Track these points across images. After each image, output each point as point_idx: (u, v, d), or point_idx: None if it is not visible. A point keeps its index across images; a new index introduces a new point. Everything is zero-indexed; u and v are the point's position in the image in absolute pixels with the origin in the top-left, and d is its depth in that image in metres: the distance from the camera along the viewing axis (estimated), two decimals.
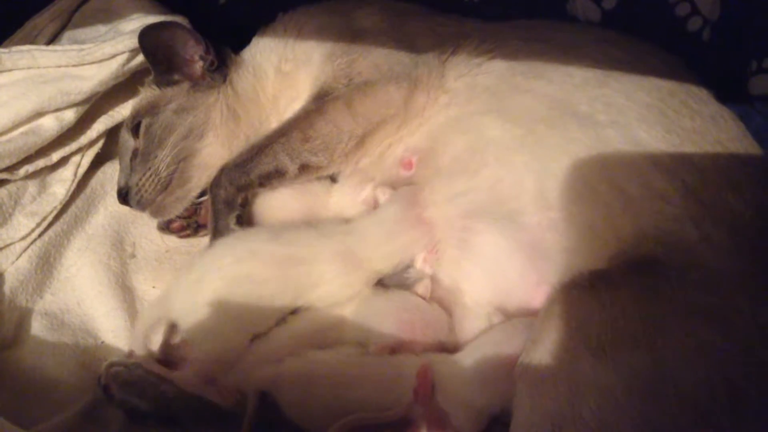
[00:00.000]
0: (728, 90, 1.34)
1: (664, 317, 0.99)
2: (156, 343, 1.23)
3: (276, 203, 1.50)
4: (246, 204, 1.46)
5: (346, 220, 1.42)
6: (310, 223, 1.39)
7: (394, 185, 1.44)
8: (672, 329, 0.98)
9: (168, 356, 1.26)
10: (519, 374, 1.03)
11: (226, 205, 1.41)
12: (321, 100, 1.41)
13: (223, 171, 1.43)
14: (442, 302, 1.32)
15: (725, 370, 0.94)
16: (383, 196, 1.42)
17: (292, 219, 1.46)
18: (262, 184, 1.43)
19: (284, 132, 1.42)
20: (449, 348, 1.25)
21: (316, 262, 1.30)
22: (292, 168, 1.41)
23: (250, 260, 1.29)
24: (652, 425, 0.92)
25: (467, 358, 1.19)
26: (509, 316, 1.24)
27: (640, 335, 0.98)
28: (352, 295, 1.31)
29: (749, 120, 1.31)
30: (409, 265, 1.37)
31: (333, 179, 1.56)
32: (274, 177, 1.42)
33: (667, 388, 0.93)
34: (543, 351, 1.02)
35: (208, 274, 1.27)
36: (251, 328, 1.27)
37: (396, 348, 1.22)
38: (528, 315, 1.21)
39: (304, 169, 1.42)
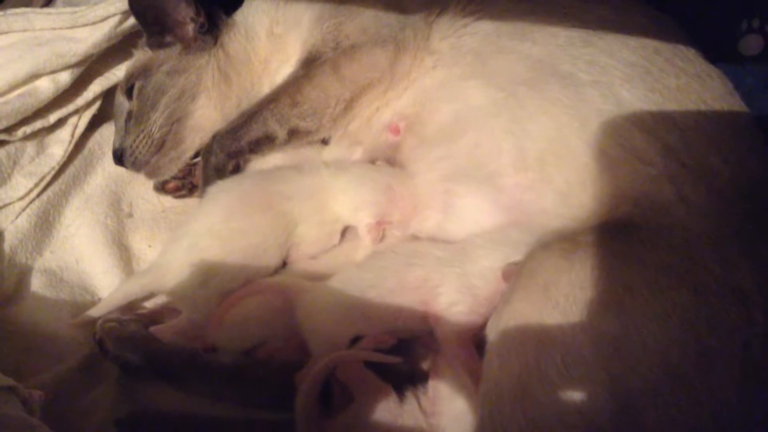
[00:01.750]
0: (720, 50, 1.32)
1: (635, 278, 0.99)
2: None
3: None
4: (238, 172, 1.48)
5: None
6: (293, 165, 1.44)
7: (381, 150, 1.47)
8: (642, 290, 0.97)
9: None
10: (489, 332, 1.05)
11: (216, 172, 1.44)
12: (309, 66, 1.42)
13: (215, 138, 1.45)
14: None
15: (695, 331, 0.94)
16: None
17: None
18: (252, 150, 1.45)
19: (273, 98, 1.43)
20: None
21: (296, 198, 1.35)
22: (281, 133, 1.42)
23: (239, 211, 1.32)
24: (620, 384, 0.92)
25: (333, 288, 1.24)
26: None
27: (610, 296, 0.98)
28: (324, 240, 1.37)
29: (741, 80, 1.29)
30: None
31: (325, 142, 1.57)
32: (264, 143, 1.44)
33: (636, 348, 0.94)
34: (513, 310, 1.03)
35: (202, 239, 1.30)
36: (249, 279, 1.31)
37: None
38: None
39: (294, 134, 1.44)
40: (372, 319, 1.20)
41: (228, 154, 1.44)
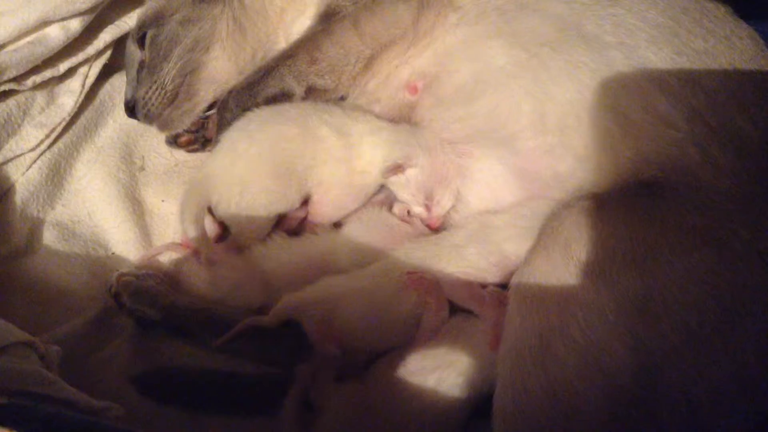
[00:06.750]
0: (754, 6, 1.28)
1: (658, 238, 0.99)
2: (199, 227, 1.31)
3: None
4: None
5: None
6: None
7: (397, 109, 1.44)
8: (664, 251, 0.98)
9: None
10: (512, 291, 1.06)
11: None
12: (328, 21, 1.38)
13: (231, 94, 1.42)
14: None
15: (717, 293, 0.95)
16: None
17: None
18: None
19: (291, 54, 1.39)
20: None
21: (333, 127, 1.35)
22: (298, 90, 1.39)
23: (276, 118, 1.35)
24: (641, 344, 0.93)
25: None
26: None
27: (632, 256, 0.98)
28: (347, 192, 1.37)
29: None
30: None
31: (342, 98, 1.53)
32: (280, 100, 1.41)
33: (657, 308, 0.94)
34: (534, 269, 1.04)
35: (239, 142, 1.33)
36: (278, 199, 1.33)
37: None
38: None
39: (311, 91, 1.41)
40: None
41: (244, 111, 1.40)
